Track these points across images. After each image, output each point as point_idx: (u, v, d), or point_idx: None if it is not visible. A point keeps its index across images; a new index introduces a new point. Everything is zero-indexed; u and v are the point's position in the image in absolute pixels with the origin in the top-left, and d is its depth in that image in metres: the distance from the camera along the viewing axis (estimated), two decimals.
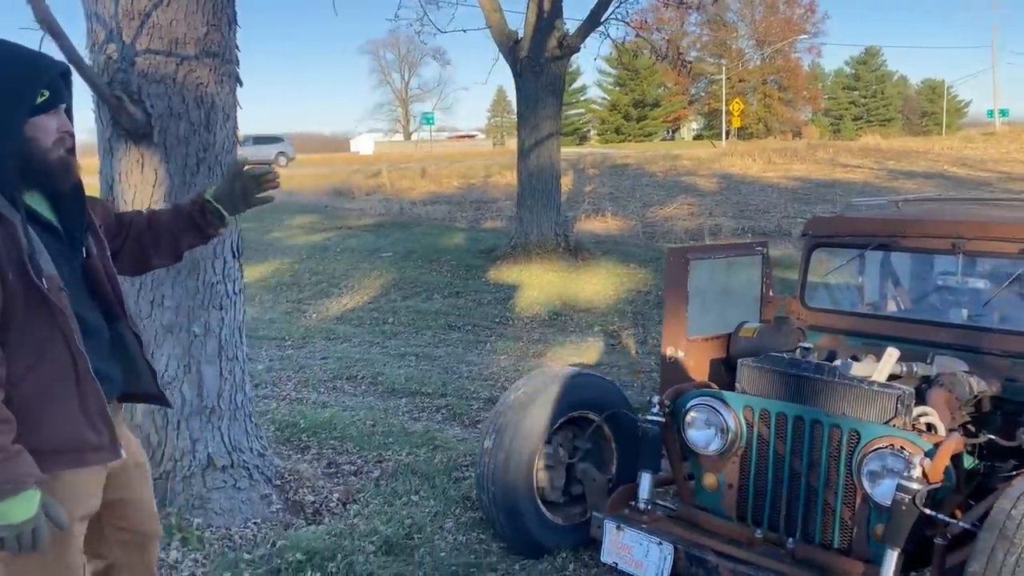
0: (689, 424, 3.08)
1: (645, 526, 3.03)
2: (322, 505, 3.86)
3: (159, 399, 2.19)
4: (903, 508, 2.46)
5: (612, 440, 3.62)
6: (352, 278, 10.80)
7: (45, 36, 2.74)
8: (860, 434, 2.71)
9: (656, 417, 3.11)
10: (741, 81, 60.07)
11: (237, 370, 3.75)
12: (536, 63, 11.16)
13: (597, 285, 10.02)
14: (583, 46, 11.46)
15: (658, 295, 9.06)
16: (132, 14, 3.34)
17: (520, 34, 11.43)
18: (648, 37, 13.83)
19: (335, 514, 3.80)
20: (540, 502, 3.47)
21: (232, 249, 3.71)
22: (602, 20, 11.29)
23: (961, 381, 2.96)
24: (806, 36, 59.31)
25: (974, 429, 2.97)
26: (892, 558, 2.49)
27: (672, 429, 3.16)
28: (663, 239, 13.50)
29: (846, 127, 64.33)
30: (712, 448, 3.03)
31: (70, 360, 1.82)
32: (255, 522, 3.61)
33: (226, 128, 3.63)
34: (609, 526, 3.05)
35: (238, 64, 3.70)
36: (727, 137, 45.40)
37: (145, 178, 3.46)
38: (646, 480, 3.15)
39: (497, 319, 8.74)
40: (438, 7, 17.29)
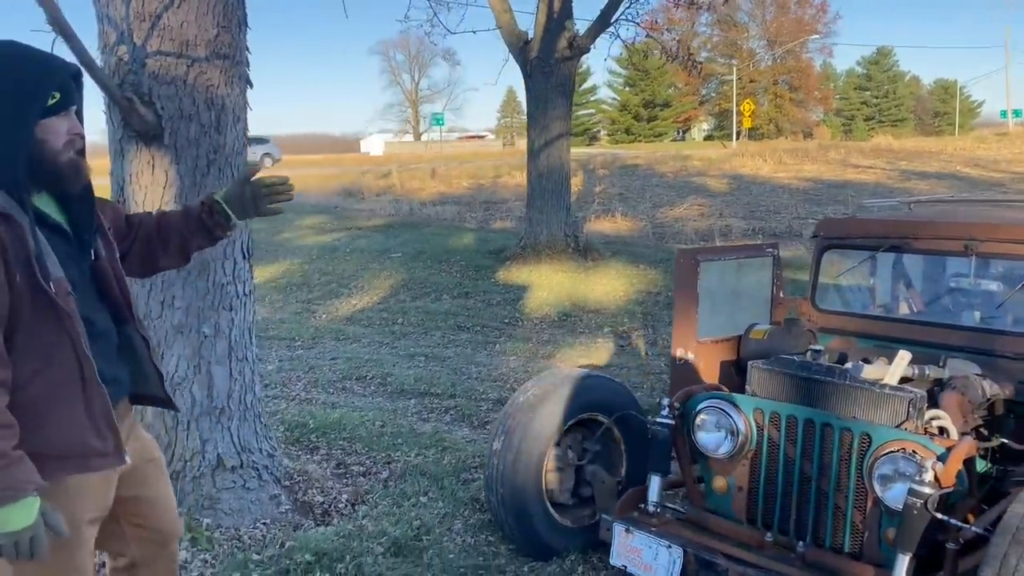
0: (699, 426, 3.07)
1: (654, 529, 3.02)
2: (331, 506, 3.87)
3: (166, 402, 2.19)
4: (915, 512, 2.44)
5: (621, 442, 3.61)
6: (362, 278, 10.82)
7: (57, 38, 2.75)
8: (871, 437, 2.69)
9: (666, 419, 3.09)
10: (752, 82, 59.88)
11: (247, 371, 3.76)
12: (546, 64, 11.16)
13: (607, 286, 10.00)
14: (593, 47, 11.45)
15: (668, 296, 9.04)
16: (143, 16, 3.36)
17: (530, 35, 11.42)
18: (658, 37, 13.79)
19: (344, 515, 3.80)
20: (549, 504, 3.46)
21: (242, 250, 3.72)
22: (612, 21, 11.26)
23: (974, 384, 2.94)
24: (817, 36, 59.14)
25: (987, 433, 2.95)
26: (904, 563, 2.47)
27: (682, 431, 3.15)
28: (673, 240, 13.46)
29: (858, 127, 64.05)
30: (722, 451, 3.02)
31: (76, 364, 1.81)
32: (264, 523, 3.62)
33: (236, 130, 3.64)
34: (618, 529, 3.04)
35: (248, 66, 3.71)
36: (738, 138, 45.31)
37: (156, 180, 3.47)
38: (655, 482, 3.14)
39: (506, 320, 8.73)
40: (448, 8, 17.36)
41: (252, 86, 3.73)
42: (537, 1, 11.28)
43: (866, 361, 3.02)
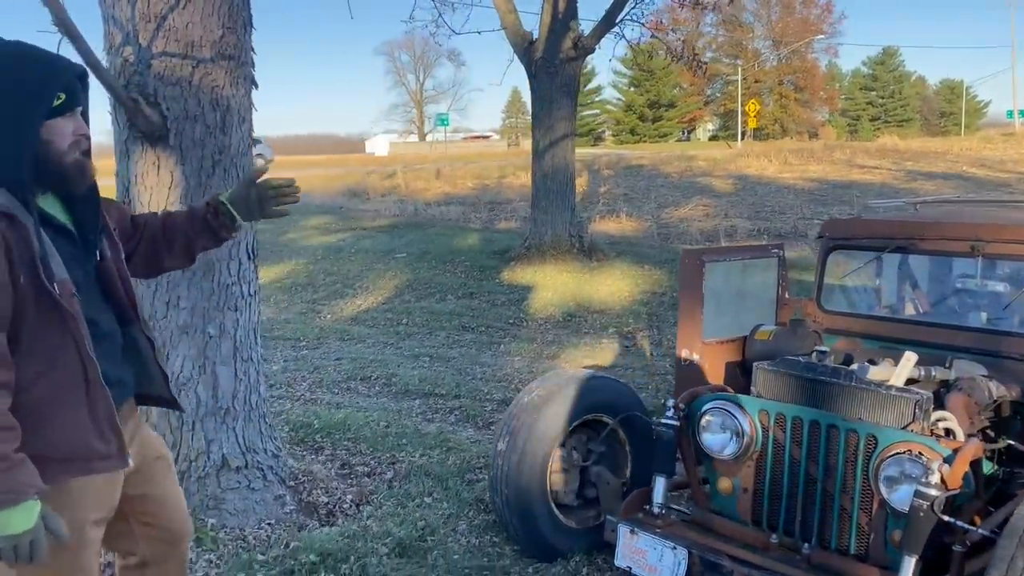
0: (704, 428, 3.06)
1: (659, 530, 3.01)
2: (335, 506, 3.87)
3: (171, 403, 2.19)
4: (921, 514, 2.43)
5: (626, 443, 3.61)
6: (366, 279, 10.82)
7: (63, 39, 2.76)
8: (877, 439, 2.68)
9: (671, 420, 3.09)
10: (757, 82, 59.82)
11: (252, 371, 3.77)
12: (551, 64, 11.15)
13: (612, 286, 10.00)
14: (598, 47, 11.46)
15: (673, 297, 9.03)
16: (148, 17, 3.36)
17: (535, 35, 11.43)
18: (663, 38, 13.76)
19: (348, 515, 3.80)
20: (554, 505, 3.46)
21: (247, 251, 3.73)
22: (617, 21, 11.27)
23: (980, 385, 2.93)
24: (823, 36, 59.05)
25: (993, 434, 2.94)
26: (910, 565, 2.46)
27: (687, 432, 3.14)
28: (678, 240, 13.45)
29: (863, 128, 63.93)
30: (727, 452, 3.01)
31: (80, 367, 1.81)
32: (269, 523, 3.62)
33: (241, 130, 3.65)
34: (623, 530, 3.03)
35: (253, 66, 3.71)
36: (743, 138, 45.24)
37: (161, 180, 3.48)
38: (660, 484, 3.13)
39: (511, 320, 8.73)
40: (453, 9, 17.39)
41: (257, 87, 3.74)
42: (542, 1, 11.28)
43: (872, 362, 3.01)
